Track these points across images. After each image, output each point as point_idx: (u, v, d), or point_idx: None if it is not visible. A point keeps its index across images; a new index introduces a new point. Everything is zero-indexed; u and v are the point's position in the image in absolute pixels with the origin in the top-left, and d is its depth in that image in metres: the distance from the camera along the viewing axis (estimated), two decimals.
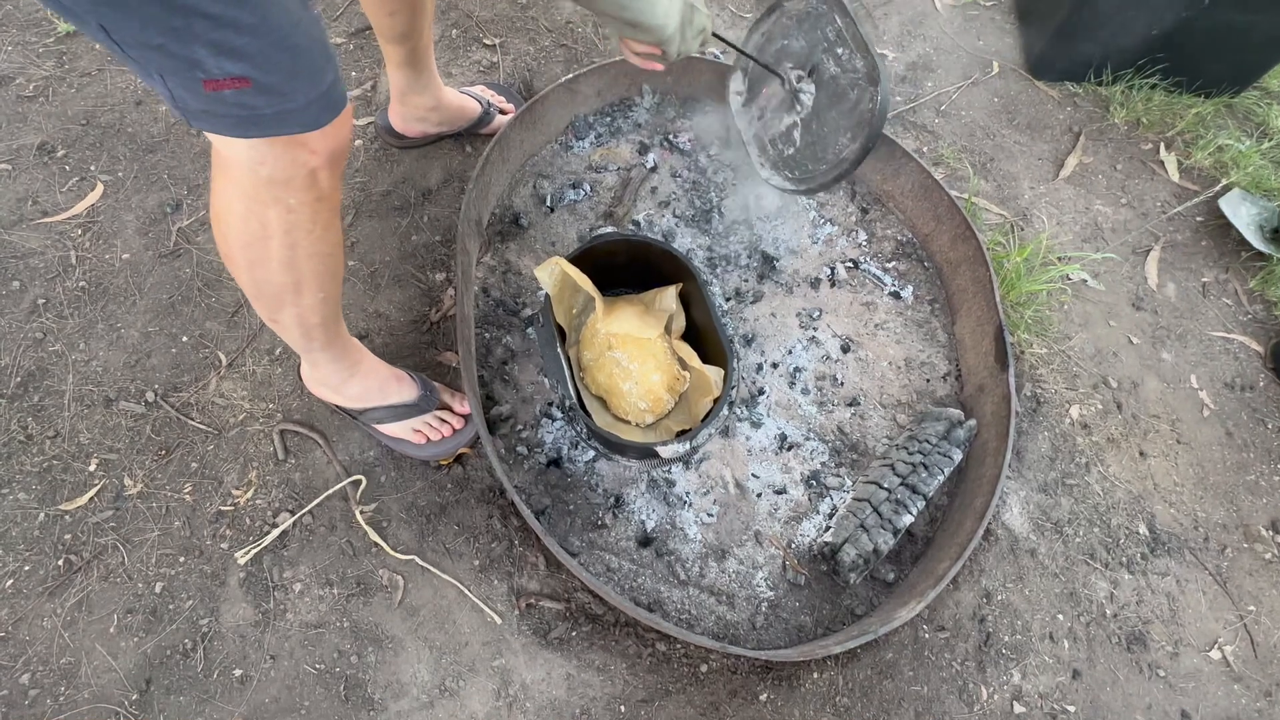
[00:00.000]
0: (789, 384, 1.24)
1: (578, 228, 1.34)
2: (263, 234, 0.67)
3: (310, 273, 0.74)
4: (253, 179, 0.63)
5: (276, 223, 0.67)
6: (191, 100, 0.55)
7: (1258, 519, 1.21)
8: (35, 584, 0.96)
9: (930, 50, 1.70)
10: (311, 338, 0.87)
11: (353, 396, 1.00)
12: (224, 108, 0.56)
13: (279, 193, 0.64)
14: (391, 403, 1.01)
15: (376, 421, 1.03)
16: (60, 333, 1.13)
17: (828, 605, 1.07)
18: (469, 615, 0.99)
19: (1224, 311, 1.42)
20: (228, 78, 0.54)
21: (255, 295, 0.77)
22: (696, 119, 1.47)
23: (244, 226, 0.67)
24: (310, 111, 0.60)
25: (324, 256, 0.73)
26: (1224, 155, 1.58)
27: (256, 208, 0.65)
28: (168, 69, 0.53)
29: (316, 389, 1.03)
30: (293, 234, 0.68)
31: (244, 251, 0.70)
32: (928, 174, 1.34)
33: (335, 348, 0.92)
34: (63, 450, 1.05)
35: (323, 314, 0.82)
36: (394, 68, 1.17)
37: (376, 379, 1.01)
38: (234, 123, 0.57)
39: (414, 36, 1.10)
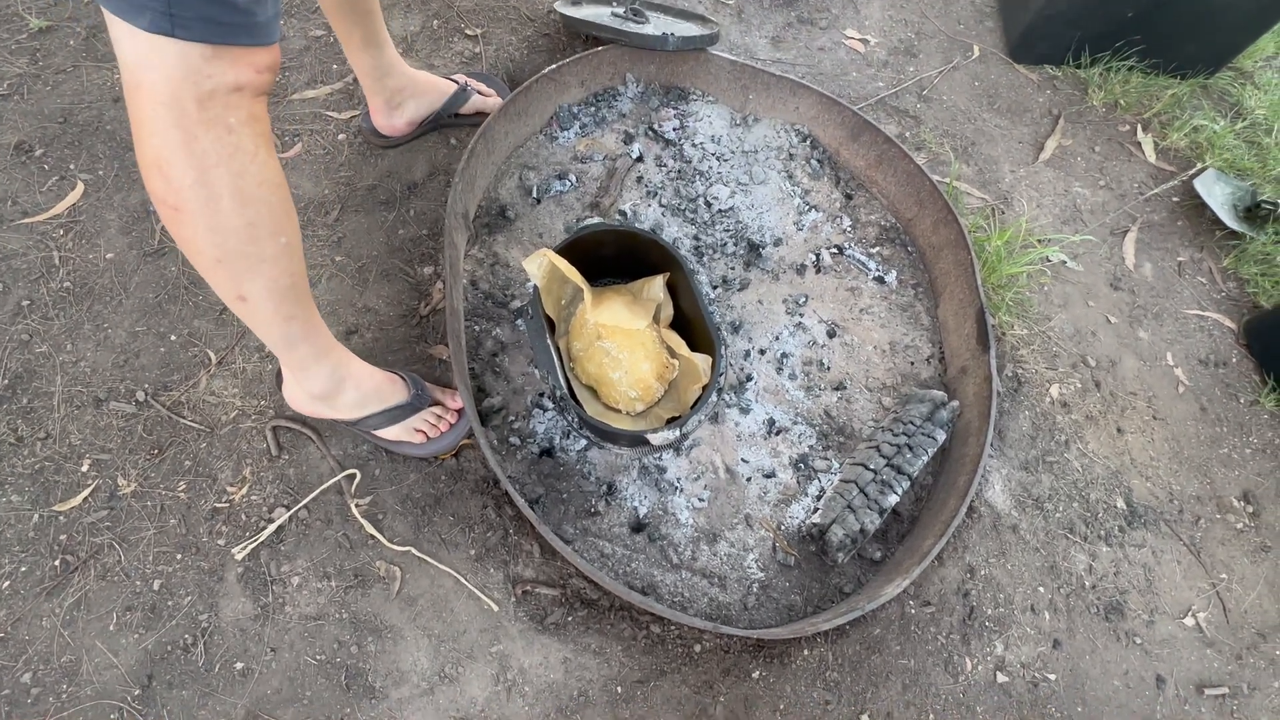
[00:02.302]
0: (776, 370, 1.26)
1: (564, 219, 1.34)
2: (205, 164, 0.63)
3: (263, 207, 0.69)
4: (193, 92, 0.59)
5: (220, 148, 0.63)
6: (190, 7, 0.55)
7: (1230, 490, 1.25)
8: (32, 585, 0.96)
9: (912, 35, 1.71)
10: (290, 317, 0.81)
11: (348, 406, 0.99)
12: (229, 15, 0.58)
13: (220, 111, 0.61)
14: (388, 406, 1.01)
15: (375, 428, 1.03)
16: (46, 334, 1.12)
17: (817, 584, 1.09)
18: (466, 603, 1.01)
19: (1199, 290, 1.45)
20: None
21: (215, 254, 0.69)
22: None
23: (188, 159, 0.62)
24: (269, 27, 0.62)
25: (273, 185, 0.69)
26: (1199, 136, 1.61)
27: (194, 133, 0.61)
28: None
29: (308, 406, 1.00)
30: (238, 157, 0.65)
31: (194, 190, 0.64)
32: (910, 160, 1.35)
33: (320, 338, 0.89)
34: (54, 452, 1.05)
35: (290, 269, 0.76)
36: (356, 53, 1.16)
37: (370, 384, 1.00)
38: (227, 30, 0.58)
39: (361, 5, 1.08)
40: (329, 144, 1.36)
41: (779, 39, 1.66)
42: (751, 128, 1.50)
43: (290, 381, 0.98)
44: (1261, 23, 1.53)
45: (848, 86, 1.61)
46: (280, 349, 0.89)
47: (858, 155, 1.46)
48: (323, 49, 1.46)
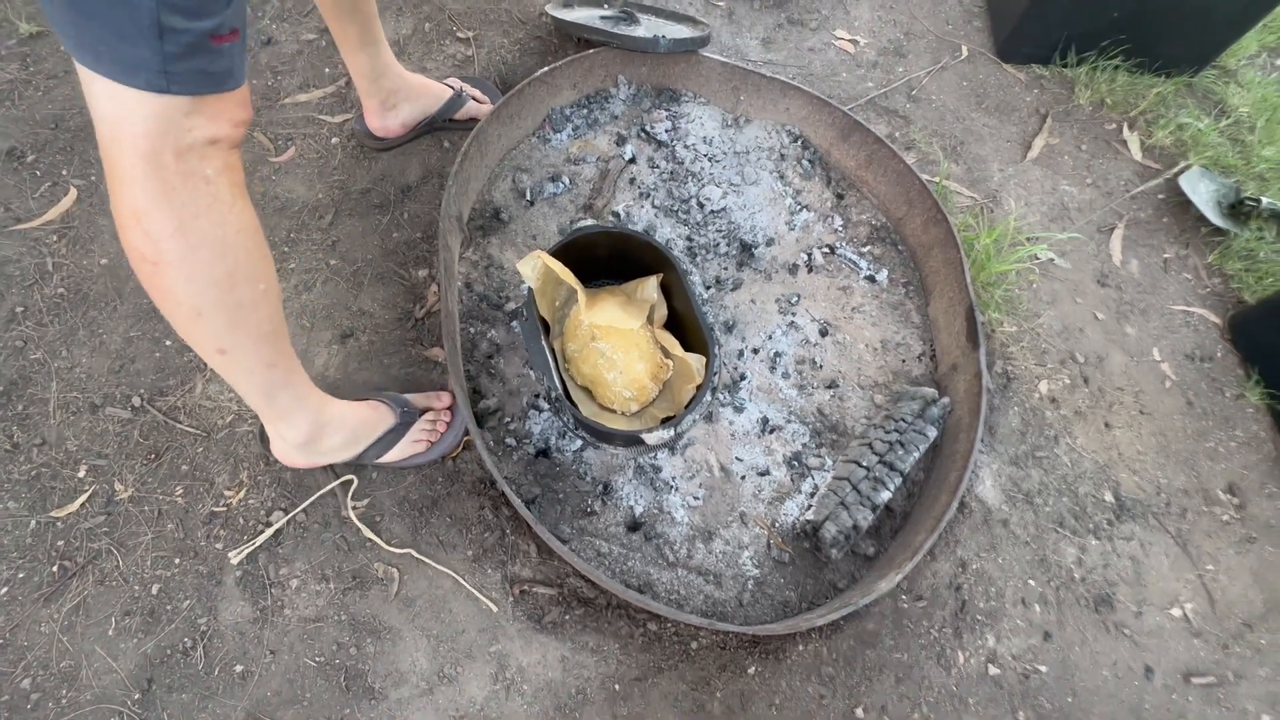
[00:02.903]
0: (770, 368, 1.28)
1: (558, 220, 1.35)
2: (184, 214, 0.63)
3: (243, 253, 0.69)
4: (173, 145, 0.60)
5: (195, 197, 0.63)
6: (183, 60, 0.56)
7: (1216, 483, 1.27)
8: (30, 590, 0.97)
9: (901, 36, 1.73)
10: (271, 364, 0.80)
11: (338, 446, 0.99)
12: (218, 61, 0.59)
13: (198, 163, 0.62)
14: (379, 434, 1.02)
15: (376, 457, 1.03)
16: (41, 340, 1.13)
17: (811, 580, 1.11)
18: (464, 604, 1.02)
19: (1184, 286, 1.48)
20: (229, 30, 0.58)
21: (196, 307, 0.69)
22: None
23: (169, 210, 0.62)
24: (239, 69, 0.63)
25: (250, 232, 0.69)
26: (1184, 134, 1.63)
27: (176, 185, 0.61)
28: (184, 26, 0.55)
29: (298, 458, 0.99)
30: (217, 207, 0.64)
31: (173, 241, 0.63)
32: (899, 159, 1.37)
33: (297, 384, 0.87)
34: (50, 458, 1.05)
35: (270, 318, 0.76)
36: (351, 53, 1.16)
37: (354, 420, 0.99)
38: (215, 78, 0.59)
39: (360, 4, 1.08)
40: (322, 148, 1.36)
41: (770, 40, 1.67)
42: (743, 129, 1.51)
43: (275, 436, 0.96)
44: (1243, 22, 1.55)
45: (838, 87, 1.63)
46: (261, 401, 0.86)
47: (848, 155, 1.47)
48: (314, 53, 1.46)
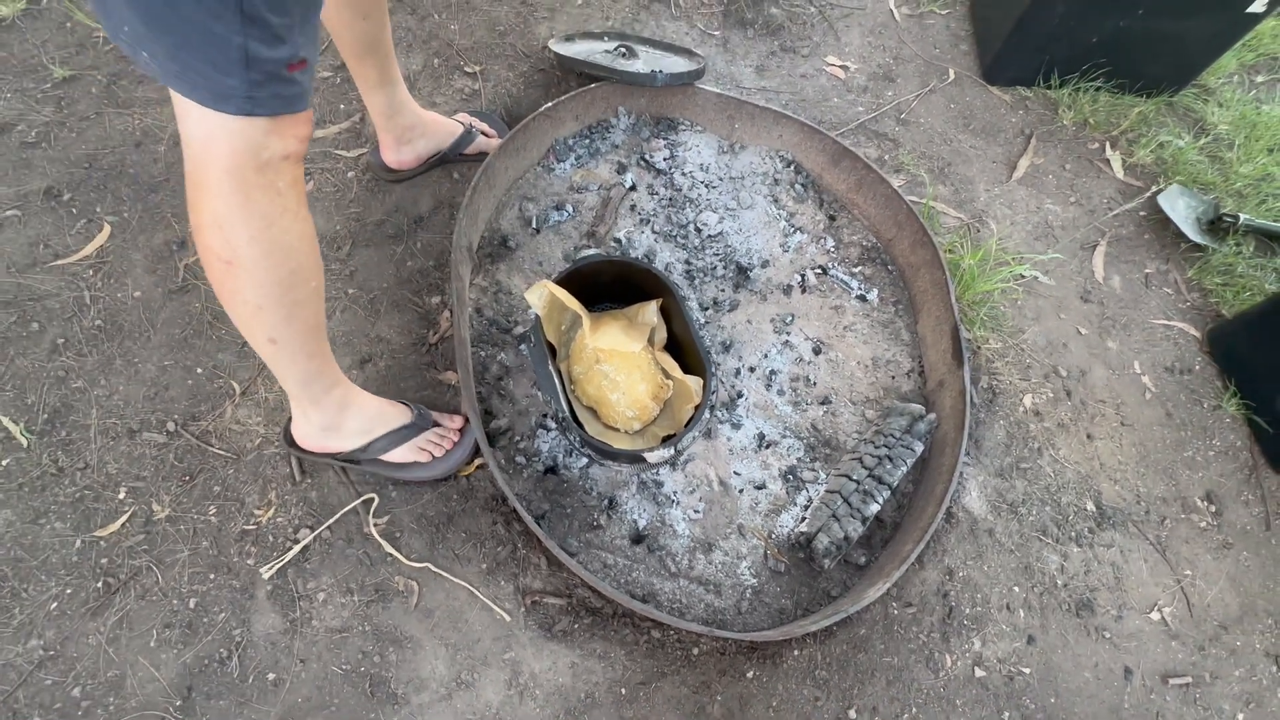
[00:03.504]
0: (766, 386, 1.34)
1: (562, 247, 1.42)
2: (264, 222, 0.72)
3: (305, 254, 0.78)
4: (251, 163, 0.68)
5: (271, 208, 0.72)
6: (265, 86, 0.64)
7: (1194, 491, 1.33)
8: (78, 605, 1.04)
9: (890, 61, 1.79)
10: (312, 353, 0.90)
11: (354, 432, 1.06)
12: (291, 88, 0.66)
13: (271, 177, 0.70)
14: (391, 428, 1.09)
15: (381, 451, 1.09)
16: (81, 370, 1.20)
17: (806, 589, 1.17)
18: (480, 614, 1.09)
19: (1165, 300, 1.53)
20: (301, 60, 0.66)
21: (260, 301, 0.78)
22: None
23: (245, 220, 0.71)
24: (309, 93, 0.71)
25: (310, 238, 0.79)
26: (1164, 152, 1.69)
27: (251, 196, 0.70)
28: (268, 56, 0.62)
29: (318, 440, 1.07)
30: (285, 217, 0.73)
31: (250, 245, 0.72)
32: (887, 184, 1.43)
33: (330, 372, 0.97)
34: (93, 480, 1.13)
35: (317, 313, 0.86)
36: (370, 92, 1.24)
37: (373, 407, 1.08)
38: (290, 101, 0.67)
39: (379, 47, 1.16)
40: (339, 181, 1.44)
41: (763, 67, 1.74)
42: (738, 155, 1.58)
43: (300, 419, 1.05)
44: (1218, 45, 1.62)
45: (829, 112, 1.69)
46: (298, 387, 0.97)
47: (839, 179, 1.54)
48: (330, 90, 1.54)
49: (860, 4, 1.87)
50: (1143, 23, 1.55)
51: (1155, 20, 1.54)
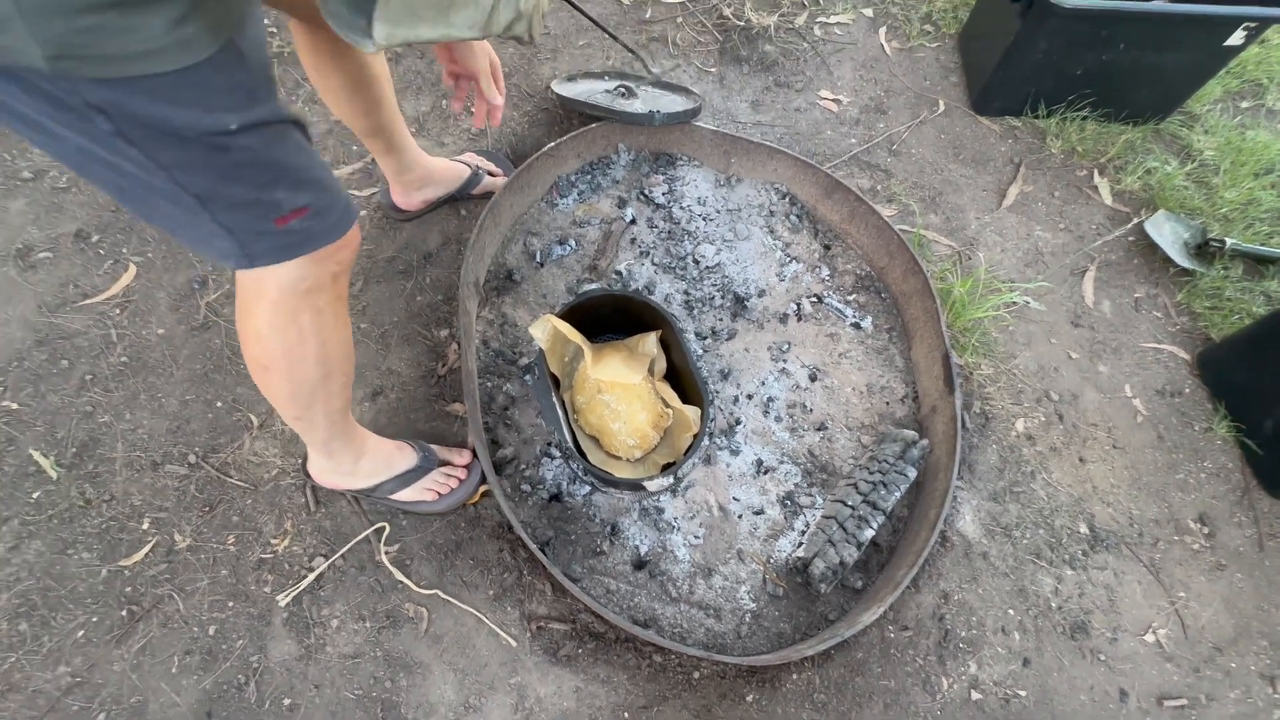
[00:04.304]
0: (763, 413, 1.38)
1: (565, 279, 1.48)
2: (300, 339, 0.79)
3: (338, 360, 0.86)
4: (292, 293, 0.74)
5: (310, 326, 0.78)
6: (259, 240, 0.68)
7: (1186, 513, 1.35)
8: (103, 633, 1.09)
9: (882, 93, 1.85)
10: (334, 426, 0.98)
11: (364, 474, 1.12)
12: (288, 238, 0.69)
13: (313, 299, 0.76)
14: (398, 472, 1.14)
15: (390, 492, 1.15)
16: (108, 405, 1.26)
17: (804, 613, 1.20)
18: (487, 640, 1.12)
19: (1155, 324, 1.57)
20: (293, 211, 0.68)
21: (291, 394, 0.86)
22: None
23: (283, 337, 0.78)
24: (343, 221, 0.74)
25: (345, 343, 0.86)
26: (1151, 178, 1.73)
27: (294, 316, 0.76)
28: (247, 217, 0.66)
29: (330, 479, 1.14)
30: (323, 331, 0.80)
31: (285, 358, 0.80)
32: (878, 215, 1.48)
33: (348, 431, 1.04)
34: (118, 512, 1.18)
35: (344, 398, 0.94)
36: (381, 156, 1.32)
37: (382, 454, 1.13)
38: (292, 247, 0.70)
39: (384, 131, 1.23)
40: None
41: (758, 102, 1.80)
42: (735, 188, 1.64)
43: (315, 459, 1.12)
44: (1200, 76, 1.66)
45: (823, 144, 1.75)
46: (319, 446, 1.05)
47: (832, 210, 1.59)
48: (344, 132, 1.61)
49: (852, 39, 1.94)
50: (1124, 56, 1.60)
51: (1136, 54, 1.59)
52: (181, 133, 0.57)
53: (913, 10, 2.00)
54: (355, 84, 1.11)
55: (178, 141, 0.58)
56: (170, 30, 0.52)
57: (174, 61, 0.53)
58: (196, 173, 0.61)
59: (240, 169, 0.63)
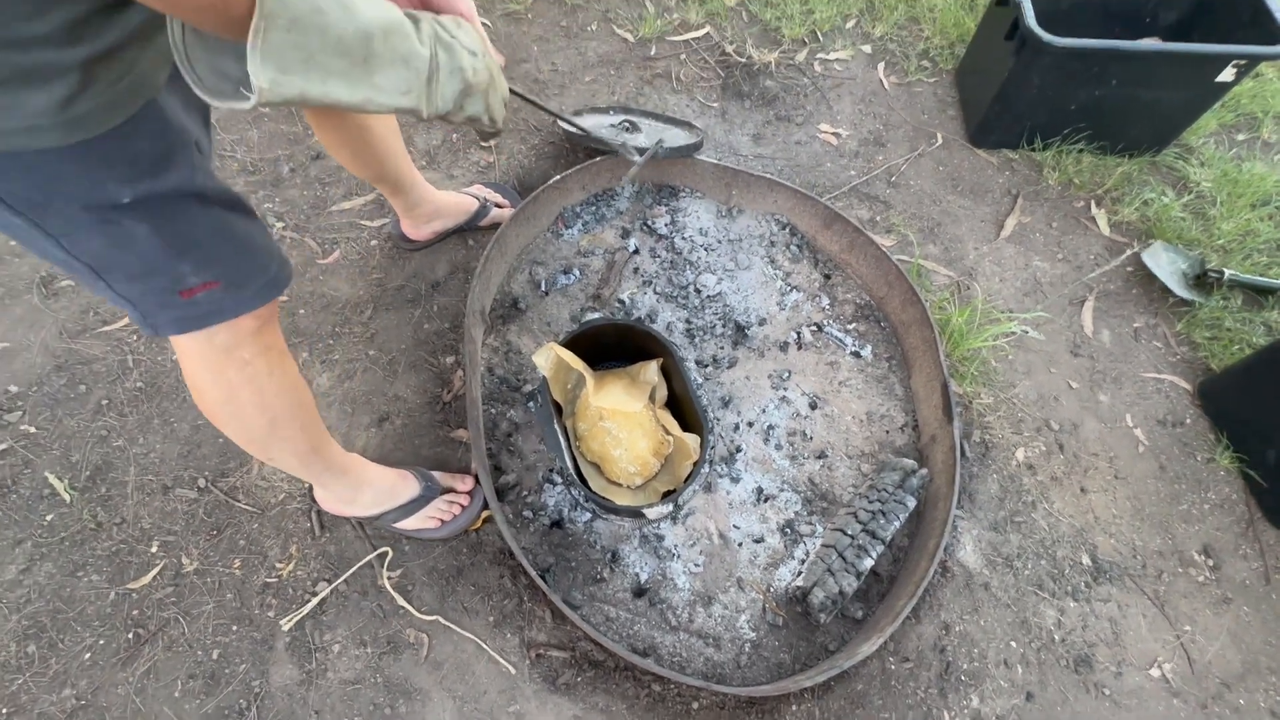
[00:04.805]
0: (764, 440, 1.39)
1: (569, 308, 1.51)
2: (230, 390, 0.79)
3: (281, 408, 0.85)
4: (211, 350, 0.74)
5: (238, 379, 0.78)
6: (161, 310, 0.66)
7: (1191, 545, 1.34)
8: (109, 655, 1.10)
9: (880, 127, 1.90)
10: (309, 463, 0.98)
11: (366, 505, 1.14)
12: (193, 309, 0.67)
13: (235, 355, 0.76)
14: (401, 502, 1.16)
15: (393, 521, 1.17)
16: (122, 429, 1.29)
17: (804, 643, 1.20)
18: (486, 667, 1.13)
19: (1155, 354, 1.57)
20: (201, 284, 0.65)
21: (246, 441, 0.87)
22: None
23: (215, 389, 0.79)
24: (263, 293, 0.73)
25: (287, 390, 0.84)
26: (1149, 210, 1.76)
27: (220, 371, 0.77)
28: (146, 288, 0.63)
29: (334, 507, 1.16)
30: (255, 381, 0.79)
31: (223, 408, 0.81)
32: (876, 246, 1.51)
33: (335, 467, 1.04)
34: (128, 535, 1.20)
35: (308, 440, 0.94)
36: (389, 196, 1.36)
37: (384, 484, 1.14)
38: (198, 320, 0.69)
39: (391, 177, 1.27)
40: (363, 249, 1.55)
41: (760, 135, 1.85)
42: (736, 218, 1.68)
43: (316, 488, 1.15)
44: (1193, 111, 1.70)
45: (823, 176, 1.79)
46: (304, 476, 1.07)
47: (832, 241, 1.62)
48: None
49: (851, 75, 1.99)
50: (1117, 91, 1.63)
51: (1129, 89, 1.63)
52: (66, 206, 0.55)
53: (910, 47, 2.06)
54: (359, 141, 1.12)
55: (62, 213, 0.55)
56: (58, 110, 0.49)
57: (59, 139, 0.50)
58: (86, 243, 0.58)
59: (135, 242, 0.59)
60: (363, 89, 0.53)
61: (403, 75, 0.55)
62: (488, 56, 0.64)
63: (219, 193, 0.65)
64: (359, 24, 0.50)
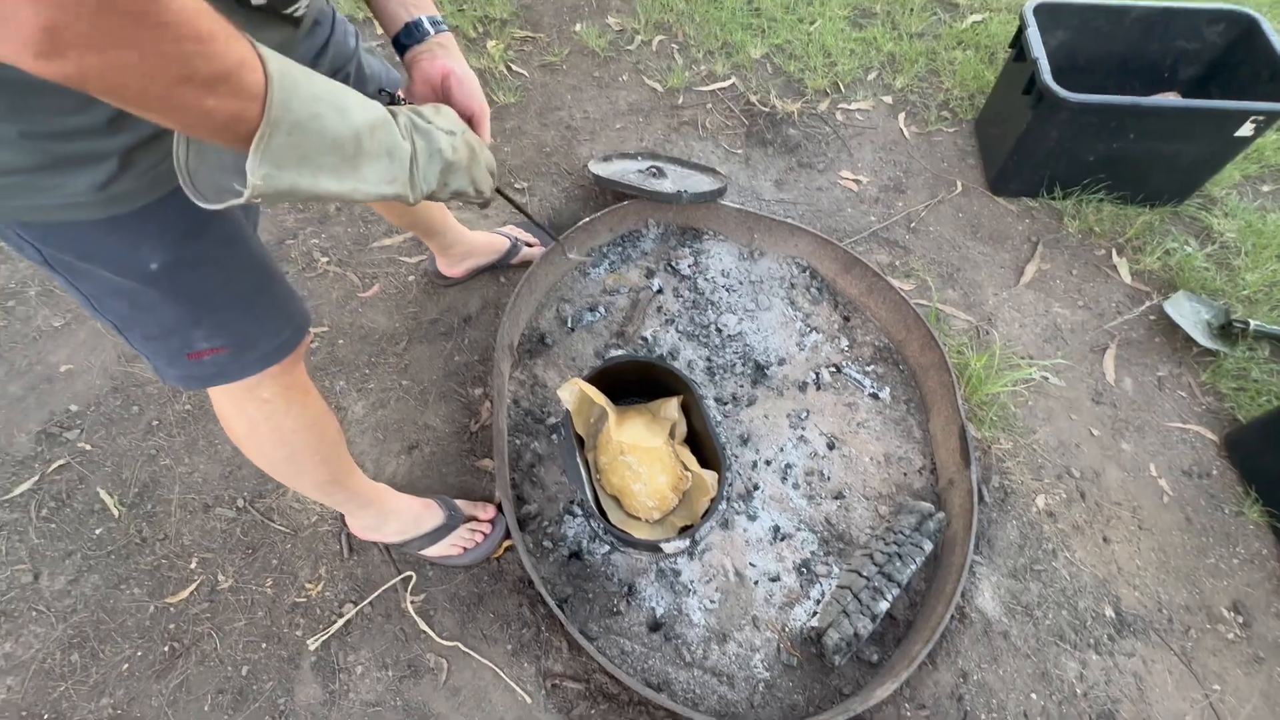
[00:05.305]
0: (781, 479, 1.41)
1: (594, 344, 1.56)
2: (251, 424, 0.84)
3: (299, 443, 0.89)
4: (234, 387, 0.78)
5: (259, 415, 0.83)
6: (170, 369, 0.71)
7: (1219, 600, 1.31)
8: (146, 668, 1.15)
9: (900, 174, 1.95)
10: (329, 493, 1.04)
11: (392, 532, 1.20)
12: (198, 370, 0.71)
13: (255, 393, 0.79)
14: (425, 531, 1.20)
15: (419, 549, 1.22)
16: (170, 449, 1.37)
17: (818, 685, 1.19)
18: (503, 695, 1.15)
19: (1179, 403, 1.56)
20: (209, 349, 0.69)
21: (267, 469, 0.94)
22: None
23: (237, 423, 0.84)
24: (267, 359, 0.76)
25: (307, 427, 0.88)
26: (1171, 259, 1.76)
27: (241, 407, 0.82)
28: (160, 347, 0.68)
29: (361, 532, 1.22)
30: (274, 418, 0.84)
31: (245, 439, 0.87)
32: (895, 291, 1.55)
33: (361, 497, 1.10)
34: (169, 550, 1.26)
35: (328, 472, 0.99)
36: (424, 239, 1.46)
37: (409, 513, 1.20)
38: (202, 380, 0.73)
39: (423, 225, 1.36)
40: (400, 284, 1.63)
41: (782, 181, 1.91)
42: (757, 261, 1.73)
43: (345, 515, 1.21)
44: (1213, 164, 1.72)
45: (844, 221, 1.84)
46: (327, 504, 1.13)
47: (851, 284, 1.66)
48: None
49: (872, 124, 2.06)
50: (1136, 145, 1.67)
51: (1147, 143, 1.66)
52: (98, 271, 0.60)
53: (930, 98, 2.12)
54: None
55: (94, 277, 0.61)
56: (97, 190, 0.53)
57: (97, 214, 0.55)
58: (113, 304, 0.64)
59: (154, 308, 0.64)
60: (350, 181, 0.55)
61: (387, 166, 0.57)
62: (467, 133, 0.66)
63: (246, 259, 0.69)
64: (351, 124, 0.52)
